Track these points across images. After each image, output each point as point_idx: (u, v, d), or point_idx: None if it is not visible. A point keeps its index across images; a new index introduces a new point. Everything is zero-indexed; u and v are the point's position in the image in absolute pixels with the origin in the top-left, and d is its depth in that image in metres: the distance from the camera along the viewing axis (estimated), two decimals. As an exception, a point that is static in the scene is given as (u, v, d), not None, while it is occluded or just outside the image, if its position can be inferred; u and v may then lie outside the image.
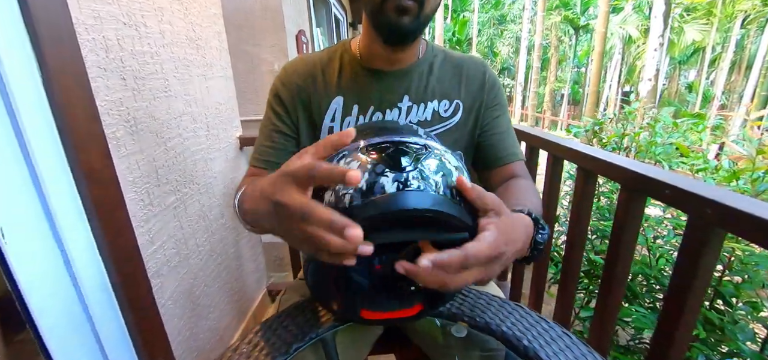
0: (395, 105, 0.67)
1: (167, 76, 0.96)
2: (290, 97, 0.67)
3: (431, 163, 0.41)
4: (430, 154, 0.42)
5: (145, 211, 0.89)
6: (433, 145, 0.44)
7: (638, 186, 0.74)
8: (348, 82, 0.66)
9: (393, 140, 0.43)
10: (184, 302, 1.06)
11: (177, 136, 1.01)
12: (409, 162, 0.40)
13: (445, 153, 0.44)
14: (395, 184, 0.38)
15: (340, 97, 0.66)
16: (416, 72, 0.67)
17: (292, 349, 0.57)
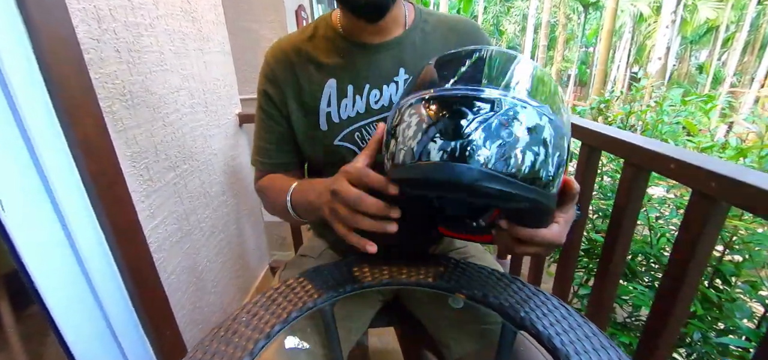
0: (392, 79, 0.63)
1: (163, 49, 0.94)
2: (278, 92, 0.64)
3: (493, 124, 0.35)
4: (497, 114, 0.35)
5: (144, 186, 0.89)
6: (510, 103, 0.36)
7: (642, 161, 0.72)
8: (337, 62, 0.62)
9: (459, 95, 0.37)
10: (187, 277, 1.08)
11: (175, 111, 1.00)
12: (467, 124, 0.35)
13: (523, 112, 0.36)
14: (440, 152, 0.35)
15: (333, 80, 0.62)
16: (408, 41, 0.63)
17: (290, 317, 0.58)
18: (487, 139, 0.34)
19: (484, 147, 0.34)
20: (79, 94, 0.69)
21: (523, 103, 0.36)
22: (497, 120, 0.35)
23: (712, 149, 1.05)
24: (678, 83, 12.58)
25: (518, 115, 0.36)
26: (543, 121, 0.37)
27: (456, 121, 0.35)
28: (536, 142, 0.36)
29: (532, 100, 0.37)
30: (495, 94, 0.36)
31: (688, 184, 0.61)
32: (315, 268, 0.68)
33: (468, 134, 0.34)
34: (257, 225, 1.63)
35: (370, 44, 0.62)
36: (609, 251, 0.84)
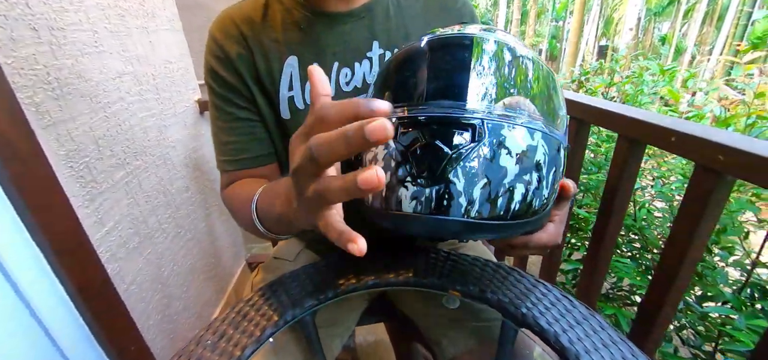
0: (364, 55, 0.53)
1: (96, 27, 0.80)
2: (233, 73, 0.52)
3: (476, 162, 0.29)
4: (480, 143, 0.29)
5: (87, 189, 0.77)
6: (494, 123, 0.29)
7: (639, 135, 0.68)
8: (298, 34, 0.51)
9: (434, 119, 0.29)
10: (150, 285, 0.97)
11: (118, 100, 0.86)
12: (443, 163, 0.28)
13: (511, 135, 0.30)
14: (413, 203, 0.29)
15: (294, 57, 0.51)
16: (380, 8, 0.53)
17: (265, 335, 0.50)
18: (468, 182, 0.29)
19: (464, 193, 0.29)
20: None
21: (510, 121, 0.30)
22: (480, 153, 0.29)
23: (699, 119, 1.04)
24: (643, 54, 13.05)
25: (505, 141, 0.30)
26: (535, 140, 0.31)
27: (430, 161, 0.29)
28: (528, 169, 0.31)
29: (521, 113, 0.31)
30: (476, 113, 0.29)
31: (692, 157, 0.57)
32: (291, 274, 0.61)
33: (445, 177, 0.28)
34: (229, 220, 1.51)
35: (335, 13, 0.51)
36: (601, 228, 0.82)
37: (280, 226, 0.42)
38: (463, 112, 0.29)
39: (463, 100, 0.29)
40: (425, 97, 0.30)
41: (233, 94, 0.53)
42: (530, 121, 0.31)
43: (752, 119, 0.83)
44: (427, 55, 0.33)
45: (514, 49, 0.33)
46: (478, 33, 0.33)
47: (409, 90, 0.32)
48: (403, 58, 0.36)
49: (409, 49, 0.36)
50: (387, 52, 0.53)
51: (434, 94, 0.30)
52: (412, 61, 0.34)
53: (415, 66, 0.33)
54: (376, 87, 0.38)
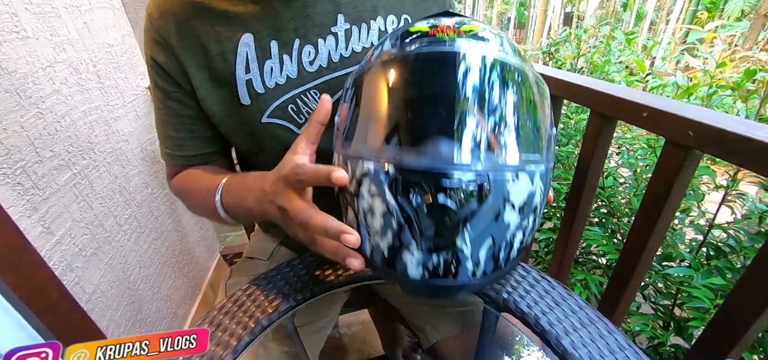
0: (328, 30, 0.47)
1: (14, 8, 0.69)
2: (172, 60, 0.45)
3: (483, 223, 0.28)
4: (485, 202, 0.28)
5: (27, 197, 0.68)
6: (498, 176, 0.28)
7: (610, 110, 0.69)
8: (251, 9, 0.45)
9: (437, 185, 0.27)
10: (116, 291, 0.91)
11: (53, 93, 0.76)
12: (450, 229, 0.28)
13: (514, 187, 0.29)
14: (420, 269, 0.29)
15: (249, 34, 0.45)
16: None
17: (241, 343, 0.48)
18: (475, 245, 0.29)
19: (472, 257, 0.29)
20: None
21: (514, 170, 0.30)
22: (487, 213, 0.28)
23: (663, 89, 1.07)
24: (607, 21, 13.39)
25: (510, 195, 0.29)
26: (535, 183, 0.31)
27: (437, 227, 0.28)
28: (528, 213, 0.31)
29: (522, 154, 0.30)
30: (482, 170, 0.28)
31: (662, 133, 0.58)
32: (266, 275, 0.57)
33: (453, 243, 0.28)
34: (199, 213, 1.44)
35: None
36: (574, 202, 0.84)
37: (251, 218, 0.44)
38: (468, 168, 0.27)
39: (467, 150, 0.28)
40: (421, 141, 0.28)
41: (173, 87, 0.47)
42: (531, 161, 0.31)
43: (713, 89, 0.86)
44: (415, 81, 0.31)
45: (508, 64, 0.31)
46: (473, 48, 0.30)
47: (400, 129, 0.30)
48: (386, 80, 0.32)
49: (392, 69, 0.33)
50: (353, 27, 0.48)
51: (431, 141, 0.28)
52: (398, 87, 0.32)
53: (402, 96, 0.31)
54: (355, 112, 0.34)
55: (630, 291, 0.71)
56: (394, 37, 0.34)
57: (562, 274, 0.96)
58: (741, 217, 0.93)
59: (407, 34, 0.33)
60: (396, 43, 0.33)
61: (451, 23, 0.32)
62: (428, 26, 0.33)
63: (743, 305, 0.50)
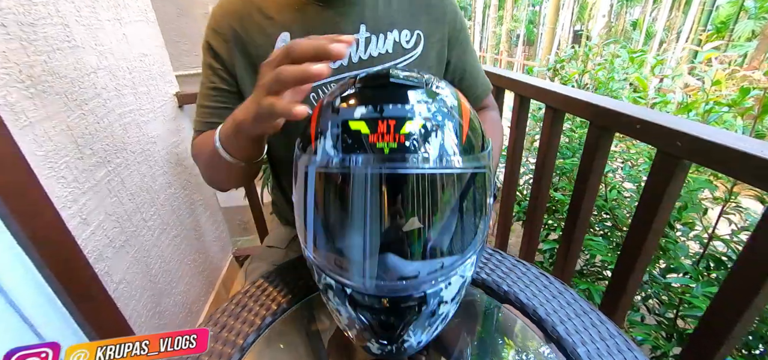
0: None
1: (66, 20, 0.77)
2: (225, 46, 0.57)
3: (421, 321, 0.36)
4: (429, 307, 0.35)
5: (69, 189, 0.75)
6: (440, 277, 0.35)
7: (607, 122, 0.73)
8: (292, 14, 0.56)
9: (393, 297, 0.35)
10: (140, 283, 0.97)
11: (95, 97, 0.84)
12: (399, 329, 0.36)
13: (454, 282, 0.37)
14: (379, 349, 0.37)
15: (286, 34, 0.55)
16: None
17: (265, 323, 0.53)
18: (418, 333, 0.37)
19: (416, 340, 0.37)
20: (-46, 83, 0.54)
21: (448, 275, 0.36)
22: (424, 316, 0.36)
23: (664, 106, 1.11)
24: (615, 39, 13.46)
25: (445, 296, 0.36)
26: (467, 273, 0.38)
27: (388, 331, 0.36)
28: (464, 286, 0.39)
29: (458, 257, 0.36)
30: (423, 286, 0.35)
31: (654, 143, 0.62)
32: (287, 264, 0.63)
33: (402, 339, 0.36)
34: (215, 213, 1.50)
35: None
36: (575, 209, 0.87)
37: (237, 138, 0.46)
38: (412, 288, 0.34)
39: (412, 271, 0.35)
40: (373, 264, 0.34)
41: (219, 66, 0.57)
42: (466, 258, 0.37)
43: (710, 105, 0.90)
44: (361, 204, 0.32)
45: (446, 175, 0.33)
46: (413, 161, 0.31)
47: (351, 251, 0.35)
48: (336, 196, 0.35)
49: (340, 184, 0.35)
50: (373, 36, 0.57)
51: (381, 264, 0.34)
52: (347, 209, 0.34)
53: (353, 219, 0.34)
54: (310, 209, 0.37)
55: (628, 294, 0.74)
56: (335, 132, 0.33)
57: (564, 279, 0.99)
58: (740, 228, 0.96)
59: (347, 131, 0.32)
60: (337, 145, 0.33)
61: (391, 121, 0.31)
62: (368, 126, 0.32)
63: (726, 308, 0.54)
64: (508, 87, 1.12)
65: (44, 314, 0.68)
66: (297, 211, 0.39)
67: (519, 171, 1.25)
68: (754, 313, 0.51)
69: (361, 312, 0.35)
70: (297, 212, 0.39)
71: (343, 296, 0.36)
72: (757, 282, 0.48)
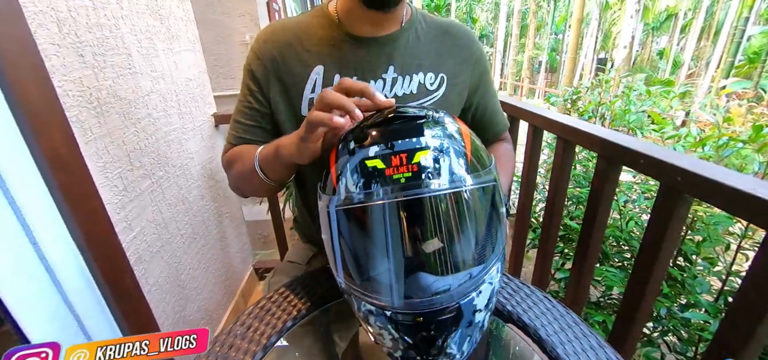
0: (379, 75, 0.62)
1: (129, 50, 0.89)
2: (263, 71, 0.62)
3: (459, 333, 0.39)
4: (465, 319, 0.39)
5: (119, 197, 0.85)
6: (470, 287, 0.39)
7: (615, 155, 0.76)
8: (328, 49, 0.61)
9: (426, 319, 0.38)
10: (170, 287, 1.05)
11: (147, 116, 0.95)
12: (440, 345, 0.39)
13: (484, 292, 0.40)
14: None
15: (321, 66, 0.61)
16: (402, 40, 0.63)
17: (285, 326, 0.58)
18: (460, 341, 0.40)
19: (461, 349, 0.40)
20: (43, 104, 0.64)
21: (478, 284, 0.39)
22: (461, 326, 0.39)
23: (675, 139, 1.12)
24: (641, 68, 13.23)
25: (477, 305, 0.39)
26: (495, 280, 0.41)
27: (428, 347, 0.39)
28: (494, 293, 0.42)
29: (483, 266, 0.40)
30: (455, 294, 0.38)
31: (657, 177, 0.65)
32: (308, 275, 0.68)
33: (445, 351, 0.39)
34: (239, 227, 1.59)
35: (364, 37, 0.61)
36: (585, 238, 0.89)
37: (275, 163, 0.54)
38: (447, 301, 0.37)
39: (444, 287, 0.38)
40: (407, 287, 0.38)
41: (256, 89, 0.63)
42: (491, 265, 0.40)
43: (724, 140, 0.91)
44: (387, 233, 0.37)
45: (460, 192, 0.37)
46: (428, 184, 0.36)
47: (387, 276, 0.38)
48: (363, 228, 0.39)
49: (365, 217, 0.38)
50: (399, 76, 0.62)
51: (415, 285, 0.38)
52: (377, 238, 0.38)
53: (383, 247, 0.37)
54: (341, 244, 0.41)
55: (637, 324, 0.75)
56: (354, 172, 0.38)
57: (575, 307, 0.99)
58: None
59: (364, 169, 0.37)
60: (358, 183, 0.38)
61: (403, 154, 0.36)
62: (383, 162, 0.37)
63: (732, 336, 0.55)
64: (523, 117, 1.16)
65: (90, 308, 0.77)
66: (328, 250, 0.43)
67: (533, 198, 1.27)
68: (757, 345, 0.52)
69: (403, 332, 0.39)
70: (328, 251, 0.43)
71: (385, 319, 0.39)
72: (758, 313, 0.49)
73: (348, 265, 0.41)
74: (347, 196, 0.38)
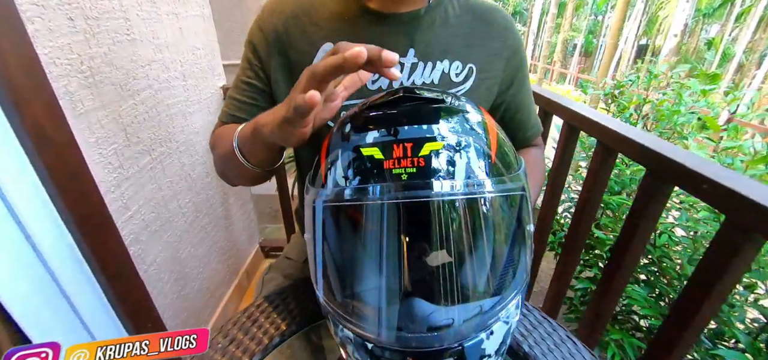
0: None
1: (128, 14, 0.82)
2: (265, 44, 0.54)
3: None
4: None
5: (114, 174, 0.80)
6: (477, 328, 0.30)
7: (667, 173, 0.65)
8: (339, 24, 0.52)
9: (418, 351, 0.30)
10: (169, 266, 1.02)
11: (147, 88, 0.89)
12: None
13: (496, 332, 0.32)
14: None
15: (330, 44, 0.52)
16: (426, 20, 0.52)
17: (272, 343, 0.53)
18: None
19: None
20: (23, 73, 0.59)
21: (488, 326, 0.31)
22: None
23: (732, 150, 0.98)
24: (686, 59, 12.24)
25: (487, 349, 0.31)
26: (511, 319, 0.33)
27: None
28: (509, 335, 0.33)
29: (497, 300, 0.31)
30: (459, 332, 0.30)
31: (722, 210, 0.54)
32: (303, 281, 0.62)
33: None
34: (246, 204, 1.56)
35: (383, 12, 0.51)
36: (617, 260, 0.79)
37: (254, 142, 0.44)
38: (447, 341, 0.29)
39: (443, 317, 0.29)
40: (399, 313, 0.30)
41: (256, 63, 0.56)
42: (507, 300, 0.31)
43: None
44: (381, 241, 0.29)
45: (475, 199, 0.29)
46: (436, 187, 0.28)
47: (376, 298, 0.31)
48: (354, 231, 0.32)
49: (357, 218, 0.31)
50: (420, 62, 0.52)
51: (408, 312, 0.29)
52: (367, 245, 0.31)
53: (375, 258, 0.30)
54: (325, 252, 0.34)
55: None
56: (346, 161, 0.31)
57: (595, 331, 0.90)
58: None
59: (359, 158, 0.30)
60: (349, 176, 0.30)
61: (408, 143, 0.28)
62: (381, 151, 0.29)
63: None
64: (557, 113, 1.04)
65: (81, 289, 0.74)
66: (309, 256, 0.36)
67: (558, 201, 1.16)
68: None
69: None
70: (309, 257, 0.36)
71: (365, 353, 0.31)
72: None
73: (330, 276, 0.34)
74: (335, 192, 0.31)
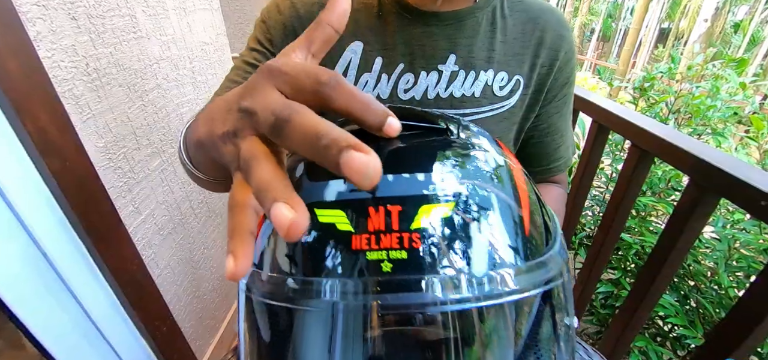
0: (434, 65, 0.45)
1: (134, 11, 0.78)
2: (281, 29, 0.46)
3: None
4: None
5: (124, 179, 0.78)
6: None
7: (714, 184, 0.59)
8: (371, 21, 0.45)
9: None
10: (182, 269, 1.01)
11: (155, 87, 0.86)
12: None
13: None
14: None
15: (359, 43, 0.45)
16: (471, 22, 0.45)
17: None
18: None
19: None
20: (25, 79, 0.56)
21: None
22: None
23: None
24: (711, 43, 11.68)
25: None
26: None
27: None
28: None
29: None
30: None
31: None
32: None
33: None
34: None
35: (423, 10, 0.44)
36: (652, 272, 0.74)
37: (198, 149, 0.30)
38: None
39: None
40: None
41: (268, 47, 0.47)
42: None
43: None
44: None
45: (503, 268, 0.19)
46: (435, 288, 0.17)
47: None
48: None
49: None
50: (461, 71, 0.45)
51: None
52: None
53: None
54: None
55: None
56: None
57: (621, 344, 0.86)
58: None
59: (314, 227, 0.19)
60: (295, 258, 0.20)
61: (393, 205, 0.18)
62: (349, 218, 0.19)
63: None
64: (585, 110, 0.97)
65: (94, 296, 0.73)
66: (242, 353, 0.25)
67: (583, 204, 1.11)
68: None
69: None
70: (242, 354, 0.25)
71: None
72: None
73: None
74: (273, 283, 0.20)
